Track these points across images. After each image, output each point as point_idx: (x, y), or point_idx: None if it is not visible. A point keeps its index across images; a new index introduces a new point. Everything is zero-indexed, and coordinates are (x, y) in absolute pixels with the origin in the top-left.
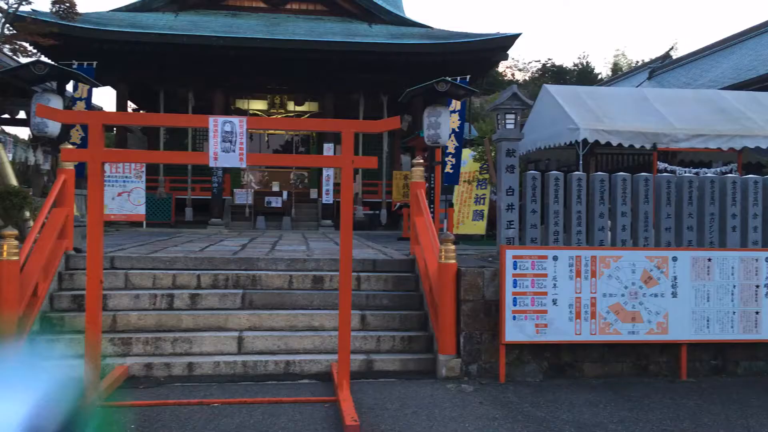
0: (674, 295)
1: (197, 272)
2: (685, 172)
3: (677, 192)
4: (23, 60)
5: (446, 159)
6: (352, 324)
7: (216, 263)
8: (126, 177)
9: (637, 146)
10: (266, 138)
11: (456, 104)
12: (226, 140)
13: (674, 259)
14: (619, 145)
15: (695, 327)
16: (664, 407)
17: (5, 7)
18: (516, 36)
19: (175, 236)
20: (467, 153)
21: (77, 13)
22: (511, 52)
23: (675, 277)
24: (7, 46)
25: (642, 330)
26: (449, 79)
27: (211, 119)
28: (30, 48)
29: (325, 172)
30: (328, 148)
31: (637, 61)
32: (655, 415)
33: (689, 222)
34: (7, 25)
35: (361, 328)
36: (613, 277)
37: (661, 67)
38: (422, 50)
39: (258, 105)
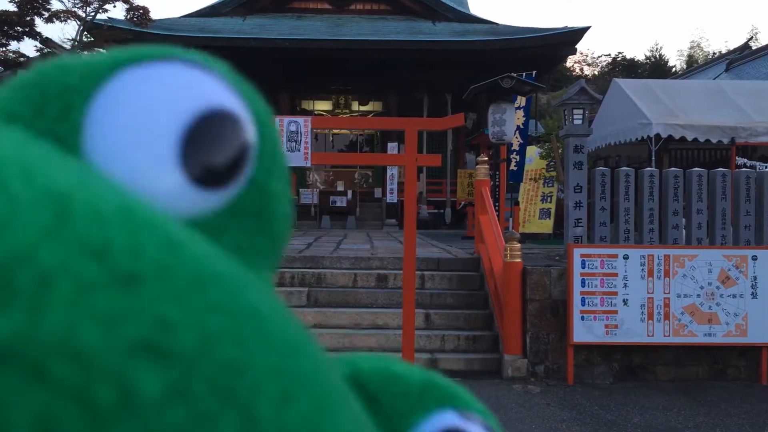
0: (754, 296)
1: None
2: (766, 168)
3: (757, 188)
4: None
5: (511, 156)
6: (416, 323)
7: (282, 261)
8: None
9: (714, 141)
10: (331, 138)
11: (521, 100)
12: (291, 140)
13: (754, 258)
14: (695, 140)
15: None
16: (742, 413)
17: (83, 15)
18: (584, 30)
19: None
20: (533, 150)
21: (150, 20)
22: (580, 46)
23: (755, 277)
24: (86, 52)
25: (719, 332)
26: (514, 75)
27: (276, 119)
28: None
29: (389, 171)
30: (392, 147)
31: (714, 53)
32: (733, 420)
33: None
34: (85, 33)
35: (425, 327)
36: (687, 277)
37: (739, 59)
38: (487, 47)
39: (323, 105)
